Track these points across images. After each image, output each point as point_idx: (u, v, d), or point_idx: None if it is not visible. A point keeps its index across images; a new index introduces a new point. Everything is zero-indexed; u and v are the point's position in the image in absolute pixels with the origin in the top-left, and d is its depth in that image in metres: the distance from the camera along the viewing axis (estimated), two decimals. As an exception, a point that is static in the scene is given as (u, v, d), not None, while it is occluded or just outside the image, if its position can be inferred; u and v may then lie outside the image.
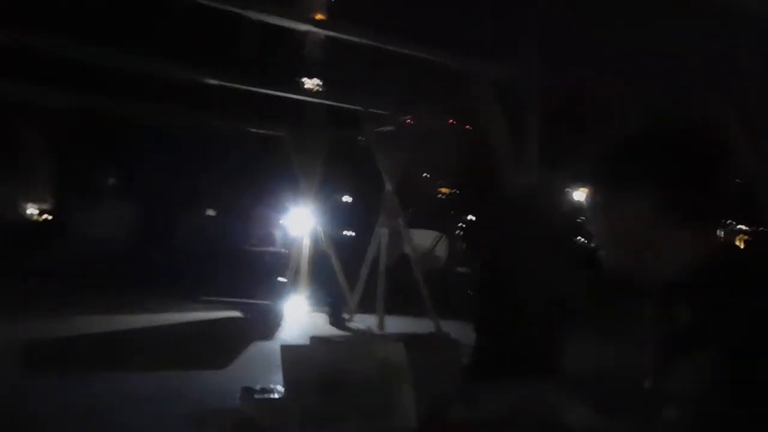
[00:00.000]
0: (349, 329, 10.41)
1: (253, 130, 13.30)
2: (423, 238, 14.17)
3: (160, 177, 16.08)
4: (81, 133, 17.22)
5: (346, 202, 13.13)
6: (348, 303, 11.63)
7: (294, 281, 12.70)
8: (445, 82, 9.78)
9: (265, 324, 10.23)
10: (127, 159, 17.54)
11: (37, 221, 21.04)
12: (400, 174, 10.85)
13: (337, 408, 1.81)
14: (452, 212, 20.50)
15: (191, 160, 16.75)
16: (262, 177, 15.05)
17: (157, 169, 15.89)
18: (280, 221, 13.40)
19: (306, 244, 13.04)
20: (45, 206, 21.33)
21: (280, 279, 11.70)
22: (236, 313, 11.00)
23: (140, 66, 10.18)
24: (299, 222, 13.03)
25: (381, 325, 10.33)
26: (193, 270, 11.90)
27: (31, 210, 21.57)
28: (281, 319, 10.89)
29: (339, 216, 13.07)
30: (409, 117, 11.18)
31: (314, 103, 12.14)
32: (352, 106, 10.80)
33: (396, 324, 9.97)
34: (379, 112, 10.65)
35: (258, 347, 8.30)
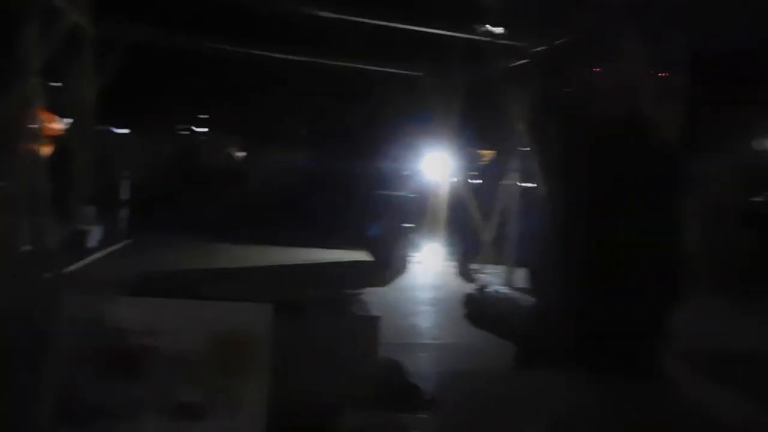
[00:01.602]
0: (475, 280, 9.84)
1: (389, 71, 12.88)
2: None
3: (299, 121, 16.47)
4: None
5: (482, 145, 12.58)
6: (480, 253, 11.09)
7: (425, 227, 12.39)
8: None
9: (386, 269, 9.95)
10: (269, 102, 18.07)
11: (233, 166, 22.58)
12: (535, 114, 9.91)
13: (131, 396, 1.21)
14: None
15: (326, 102, 16.90)
16: (397, 119, 14.78)
17: (297, 113, 16.25)
18: (415, 165, 13.05)
19: (440, 189, 12.66)
20: (241, 153, 22.83)
21: (408, 224, 11.31)
22: (360, 256, 10.82)
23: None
24: (434, 166, 12.66)
25: (509, 277, 9.66)
26: (321, 212, 11.94)
27: (236, 155, 23.16)
28: (404, 266, 10.56)
29: (474, 161, 12.55)
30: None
31: (452, 39, 11.38)
32: (486, 38, 9.95)
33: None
34: (515, 44, 9.74)
35: (371, 291, 7.99)
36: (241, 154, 21.91)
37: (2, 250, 8.24)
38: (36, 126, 9.27)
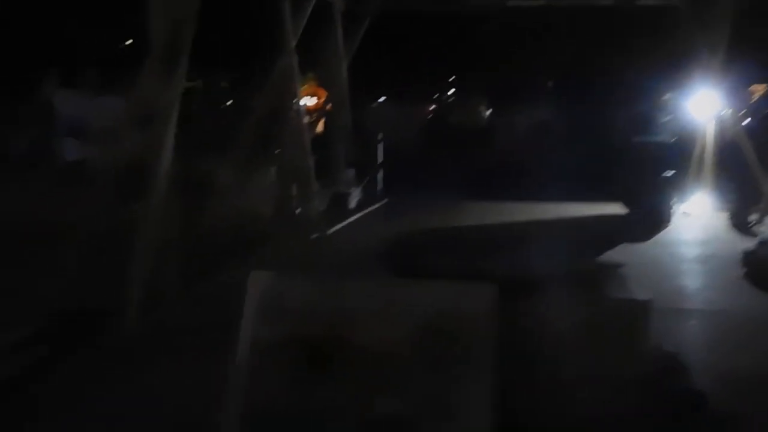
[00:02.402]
0: (755, 234, 8.74)
1: (642, 3, 11.82)
2: None
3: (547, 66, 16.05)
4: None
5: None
6: (760, 202, 9.86)
7: (692, 175, 11.33)
8: None
9: (645, 222, 9.27)
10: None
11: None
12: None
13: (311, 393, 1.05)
14: None
15: (573, 49, 16.12)
16: (654, 58, 13.55)
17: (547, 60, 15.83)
18: (675, 107, 11.92)
19: (707, 132, 11.42)
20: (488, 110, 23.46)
21: (670, 172, 10.39)
22: (616, 210, 10.21)
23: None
24: (699, 107, 11.45)
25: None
26: (573, 165, 11.48)
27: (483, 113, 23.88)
28: (668, 218, 9.75)
29: (746, 97, 11.05)
30: None
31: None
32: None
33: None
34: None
35: (628, 247, 7.49)
36: (487, 111, 22.08)
37: (279, 213, 9.29)
38: (301, 99, 10.15)
